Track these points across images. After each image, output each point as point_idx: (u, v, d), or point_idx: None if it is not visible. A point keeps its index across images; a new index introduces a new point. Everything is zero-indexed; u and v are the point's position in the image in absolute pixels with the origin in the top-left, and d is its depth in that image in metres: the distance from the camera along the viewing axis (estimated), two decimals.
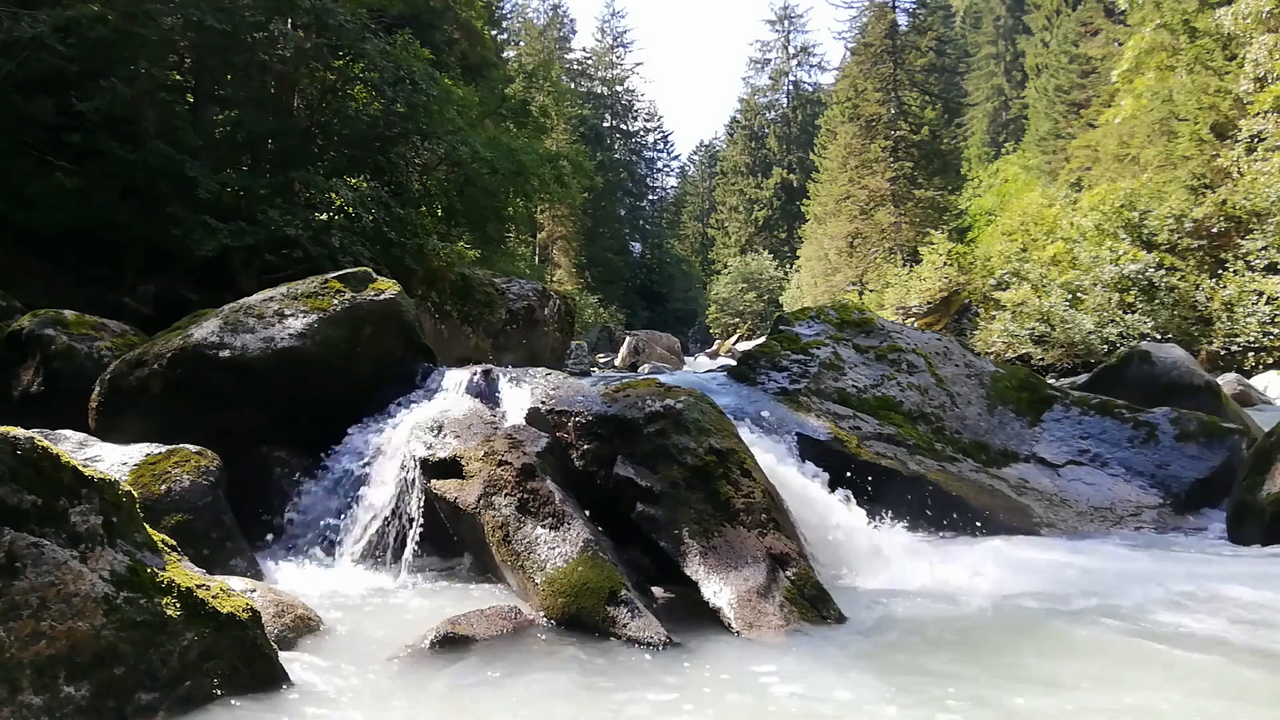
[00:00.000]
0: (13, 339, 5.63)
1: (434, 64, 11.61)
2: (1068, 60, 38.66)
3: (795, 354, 6.53)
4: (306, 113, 10.97)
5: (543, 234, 41.50)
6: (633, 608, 3.48)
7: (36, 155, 8.66)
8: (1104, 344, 17.44)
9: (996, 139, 49.16)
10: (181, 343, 4.89)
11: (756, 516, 3.89)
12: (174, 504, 4.04)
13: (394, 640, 3.37)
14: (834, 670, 3.10)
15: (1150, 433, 6.32)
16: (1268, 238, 17.22)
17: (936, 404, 6.45)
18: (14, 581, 2.39)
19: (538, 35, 52.56)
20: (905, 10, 39.16)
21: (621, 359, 26.33)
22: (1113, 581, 4.28)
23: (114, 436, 4.52)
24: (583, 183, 19.21)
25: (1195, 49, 20.92)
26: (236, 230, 8.74)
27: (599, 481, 4.26)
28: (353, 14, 10.45)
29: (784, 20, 59.99)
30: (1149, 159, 23.85)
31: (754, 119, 59.84)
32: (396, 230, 10.10)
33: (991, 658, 3.26)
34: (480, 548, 4.17)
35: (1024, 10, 48.61)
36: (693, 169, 71.37)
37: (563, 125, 35.98)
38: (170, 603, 2.69)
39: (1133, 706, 2.75)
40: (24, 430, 2.61)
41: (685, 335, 45.49)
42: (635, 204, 60.33)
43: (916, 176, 35.68)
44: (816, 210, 41.64)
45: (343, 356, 5.12)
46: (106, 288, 8.89)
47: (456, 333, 11.59)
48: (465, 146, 10.88)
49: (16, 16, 7.83)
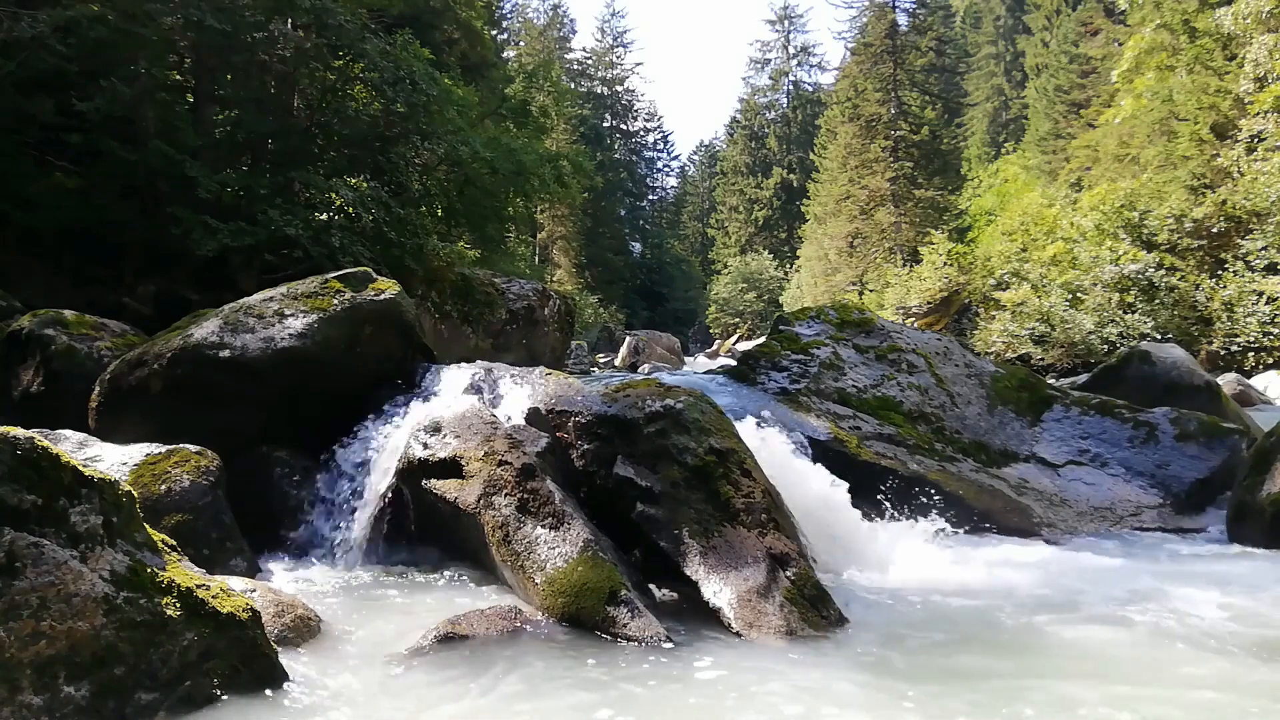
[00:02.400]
0: (13, 339, 5.62)
1: (434, 64, 11.59)
2: (1068, 60, 38.66)
3: (795, 354, 6.53)
4: (306, 113, 10.95)
5: (543, 234, 41.52)
6: (633, 608, 3.48)
7: (36, 155, 8.65)
8: (1104, 344, 17.43)
9: (996, 139, 49.15)
10: (181, 343, 4.89)
11: (756, 516, 3.90)
12: (174, 504, 4.04)
13: (394, 640, 3.37)
14: (834, 670, 3.10)
15: (1150, 433, 6.32)
16: (1268, 238, 17.22)
17: (936, 404, 6.45)
18: (14, 581, 2.39)
19: (538, 35, 52.54)
20: (905, 10, 39.21)
21: (621, 359, 26.32)
22: (1113, 581, 4.29)
23: (114, 436, 4.52)
24: (583, 183, 19.18)
25: (1195, 49, 20.91)
26: (236, 230, 8.73)
27: (599, 481, 4.27)
28: (353, 14, 10.44)
29: (784, 20, 60.01)
30: (1149, 159, 23.84)
31: (754, 119, 59.81)
32: (396, 230, 10.09)
33: (991, 657, 3.27)
34: (480, 548, 4.17)
35: (1024, 10, 48.60)
36: (693, 169, 71.37)
37: (563, 125, 35.97)
38: (170, 603, 2.69)
39: (1133, 707, 2.75)
40: (24, 430, 2.61)
41: (685, 335, 45.45)
42: (635, 204, 60.34)
43: (916, 176, 35.67)
44: (816, 210, 41.64)
45: (343, 356, 5.11)
46: (106, 288, 8.88)
47: (456, 333, 11.59)
48: (465, 146, 10.86)
49: (16, 16, 7.82)
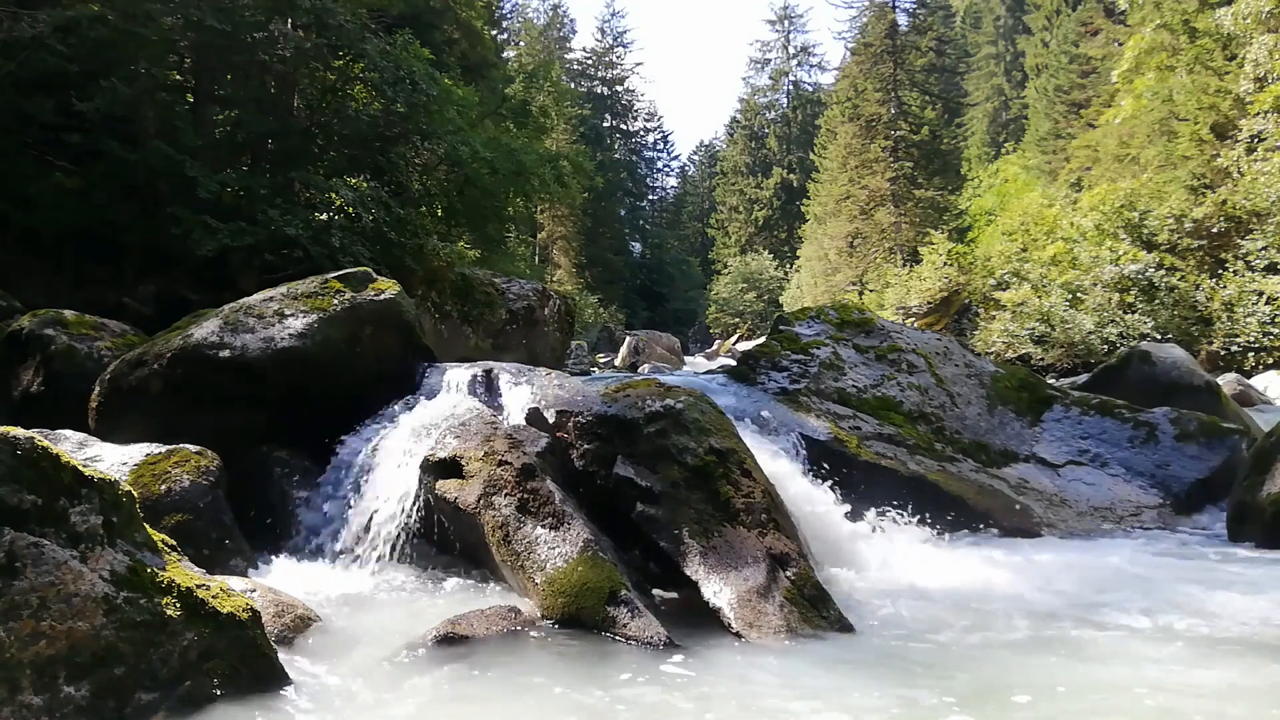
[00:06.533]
0: (13, 339, 5.63)
1: (434, 64, 11.58)
2: (1068, 60, 38.62)
3: (795, 354, 6.53)
4: (306, 113, 10.96)
5: (543, 234, 41.48)
6: (632, 608, 3.48)
7: (36, 155, 8.66)
8: (1104, 344, 17.41)
9: (996, 139, 49.09)
10: (181, 343, 4.89)
11: (756, 516, 3.90)
12: (174, 504, 4.05)
13: (394, 640, 3.37)
14: (833, 670, 3.10)
15: (1150, 433, 6.32)
16: (1268, 238, 17.20)
17: (936, 404, 6.45)
18: (14, 581, 2.39)
19: (538, 35, 52.53)
20: (905, 10, 39.16)
21: (621, 359, 26.29)
22: (1112, 582, 4.29)
23: (114, 436, 4.53)
24: (583, 183, 19.17)
25: (1195, 49, 20.89)
26: (236, 230, 8.73)
27: (599, 481, 4.27)
28: (353, 14, 10.44)
29: (784, 20, 59.94)
30: (1149, 159, 23.82)
31: (754, 119, 59.77)
32: (396, 230, 10.10)
33: (990, 658, 3.27)
34: (480, 548, 4.17)
35: (1024, 10, 48.55)
36: (693, 169, 71.27)
37: (563, 125, 35.92)
38: (170, 603, 2.69)
39: (1134, 708, 2.75)
40: (24, 430, 2.61)
41: (685, 335, 45.40)
42: (635, 204, 60.29)
43: (916, 176, 35.64)
44: (816, 210, 41.60)
45: (343, 356, 5.11)
46: (106, 288, 8.88)
47: (456, 333, 11.58)
48: (465, 146, 10.86)
49: (16, 16, 7.83)
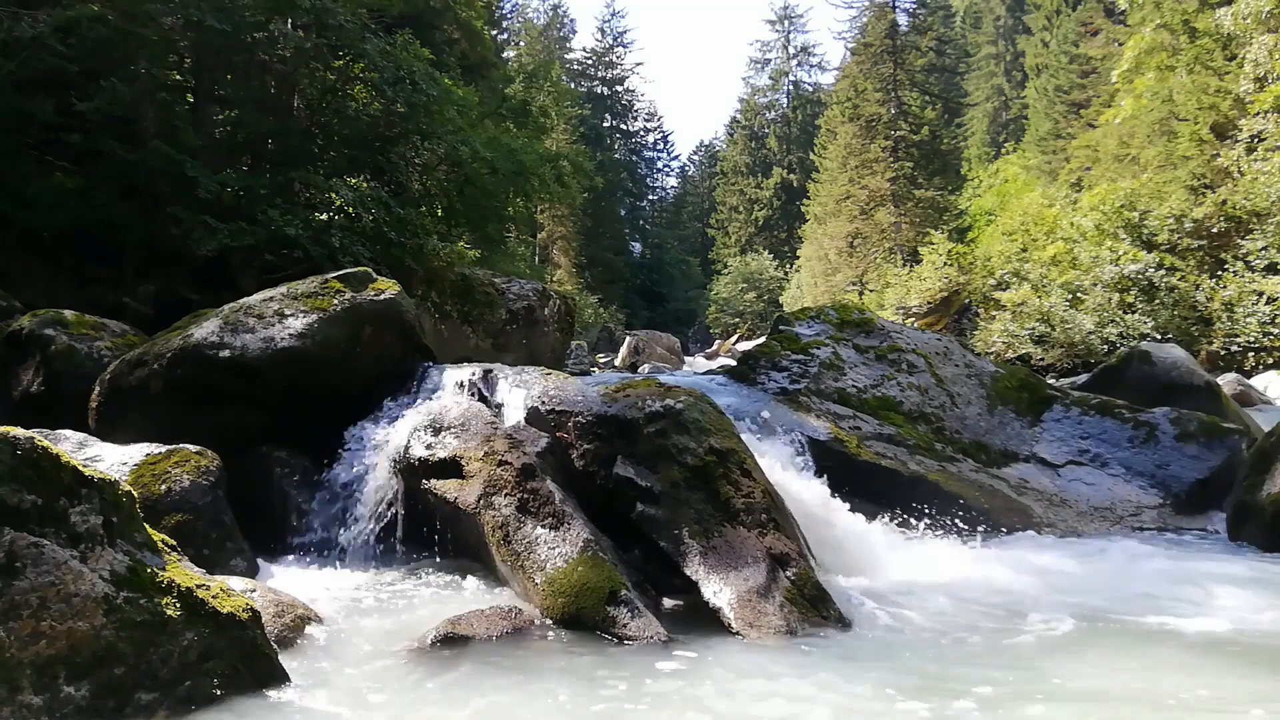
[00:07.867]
0: (13, 339, 5.63)
1: (434, 64, 11.59)
2: (1068, 60, 38.61)
3: (795, 354, 6.53)
4: (306, 113, 10.95)
5: (543, 234, 41.47)
6: (632, 608, 3.48)
7: (36, 155, 8.65)
8: (1104, 344, 17.40)
9: (996, 139, 49.08)
10: (181, 343, 4.89)
11: (756, 516, 3.90)
12: (174, 504, 4.05)
13: (394, 640, 3.37)
14: (834, 670, 3.10)
15: (1150, 433, 6.32)
16: (1268, 238, 17.20)
17: (936, 404, 6.45)
18: (14, 581, 2.39)
19: (538, 35, 52.53)
20: (905, 10, 39.19)
21: (621, 359, 26.29)
22: (1113, 582, 4.29)
23: (114, 436, 4.53)
24: (583, 183, 19.20)
25: (1195, 49, 20.88)
26: (236, 230, 8.73)
27: (599, 481, 4.27)
28: (353, 14, 10.43)
29: (784, 20, 59.94)
30: (1149, 159, 23.81)
31: (754, 119, 59.76)
32: (396, 230, 10.09)
33: (991, 658, 3.27)
34: (480, 548, 4.17)
35: (1024, 10, 48.54)
36: (693, 169, 71.26)
37: (563, 125, 35.96)
38: (170, 603, 2.69)
39: (1134, 708, 2.75)
40: (24, 430, 2.61)
41: (685, 335, 45.37)
42: (635, 204, 60.30)
43: (916, 176, 35.64)
44: (816, 210, 41.58)
45: (343, 356, 5.11)
46: (106, 288, 8.87)
47: (456, 333, 11.59)
48: (465, 146, 10.86)
49: (16, 16, 7.82)
